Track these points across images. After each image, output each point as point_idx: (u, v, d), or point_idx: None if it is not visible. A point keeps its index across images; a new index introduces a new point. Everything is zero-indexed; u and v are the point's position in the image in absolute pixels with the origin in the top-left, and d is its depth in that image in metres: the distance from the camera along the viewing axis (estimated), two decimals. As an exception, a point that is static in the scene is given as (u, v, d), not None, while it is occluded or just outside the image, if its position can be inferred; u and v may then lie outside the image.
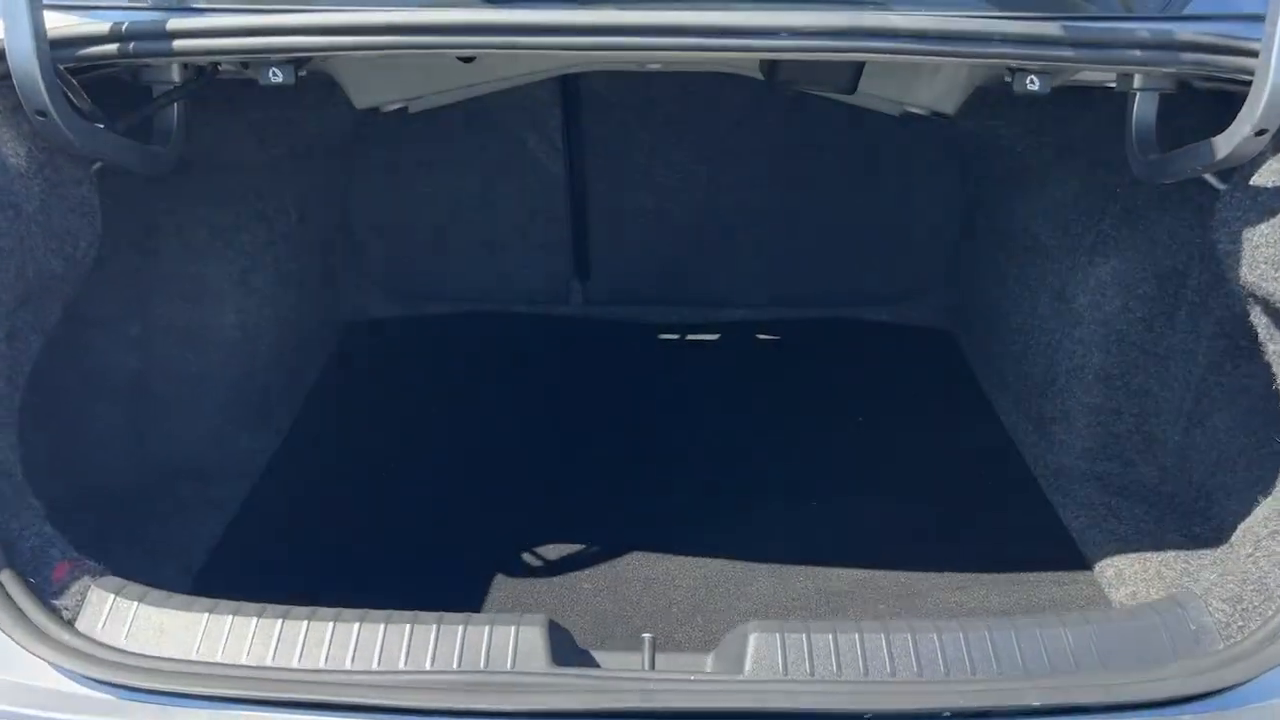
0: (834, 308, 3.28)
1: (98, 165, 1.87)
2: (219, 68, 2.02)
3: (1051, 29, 1.65)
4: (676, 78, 2.91)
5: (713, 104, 2.98)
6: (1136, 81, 1.95)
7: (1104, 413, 2.41)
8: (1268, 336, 1.79)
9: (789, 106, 2.96)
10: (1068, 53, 1.66)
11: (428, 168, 3.06)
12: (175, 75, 1.96)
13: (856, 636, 1.41)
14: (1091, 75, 2.08)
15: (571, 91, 2.95)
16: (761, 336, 3.23)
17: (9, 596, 1.40)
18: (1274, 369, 1.74)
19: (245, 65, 1.94)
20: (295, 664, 1.38)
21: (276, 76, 1.87)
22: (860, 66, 2.23)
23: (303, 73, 1.95)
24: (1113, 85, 2.06)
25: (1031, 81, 1.86)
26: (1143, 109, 1.98)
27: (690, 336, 3.23)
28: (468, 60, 2.58)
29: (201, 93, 2.08)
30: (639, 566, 2.12)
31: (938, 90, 2.49)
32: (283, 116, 2.57)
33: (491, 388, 2.87)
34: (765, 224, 3.18)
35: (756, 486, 2.41)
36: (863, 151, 3.05)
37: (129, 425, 2.34)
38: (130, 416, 2.35)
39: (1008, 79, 1.96)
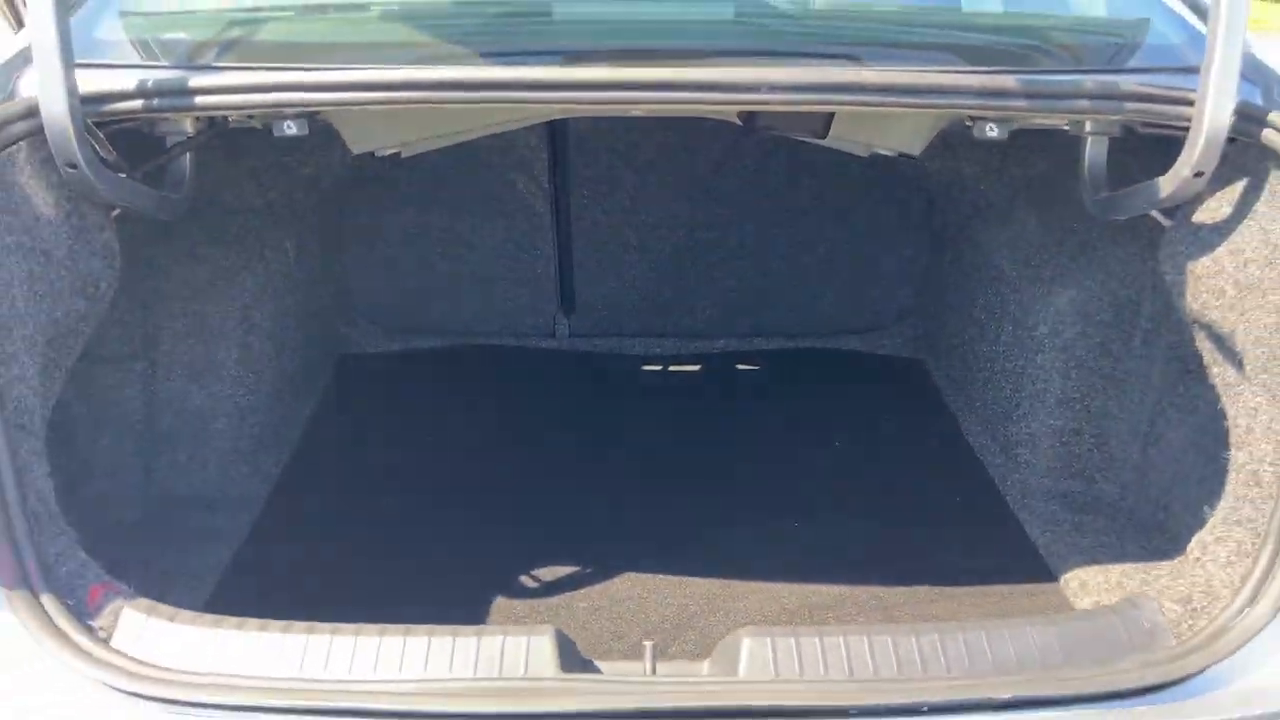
0: (811, 338, 3.42)
1: (116, 211, 1.98)
2: (229, 119, 2.13)
3: (1006, 82, 1.81)
4: (659, 122, 3.04)
5: (693, 147, 3.13)
6: (1088, 127, 2.11)
7: (1066, 434, 2.55)
8: (1211, 360, 1.94)
9: (764, 150, 3.11)
10: (1021, 103, 1.81)
11: (418, 207, 3.17)
12: (189, 127, 2.08)
13: (841, 640, 1.53)
14: (1046, 121, 2.23)
15: (559, 134, 3.08)
16: (741, 367, 3.35)
17: (49, 617, 1.49)
18: (1218, 390, 1.88)
19: (251, 118, 2.05)
20: (323, 675, 1.48)
21: (291, 129, 1.99)
22: (832, 114, 2.38)
23: (315, 124, 2.07)
24: (1067, 129, 2.22)
25: (990, 129, 2.02)
26: (1094, 151, 2.14)
27: (673, 368, 3.35)
28: (460, 107, 2.71)
29: (210, 142, 2.20)
30: (632, 585, 2.21)
31: (904, 134, 2.64)
32: (279, 163, 2.69)
33: (482, 417, 2.97)
34: (744, 260, 3.31)
35: (739, 506, 2.52)
36: (835, 190, 3.20)
37: (137, 458, 2.43)
38: (138, 449, 2.44)
39: (968, 125, 2.12)
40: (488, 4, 2.44)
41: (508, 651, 1.51)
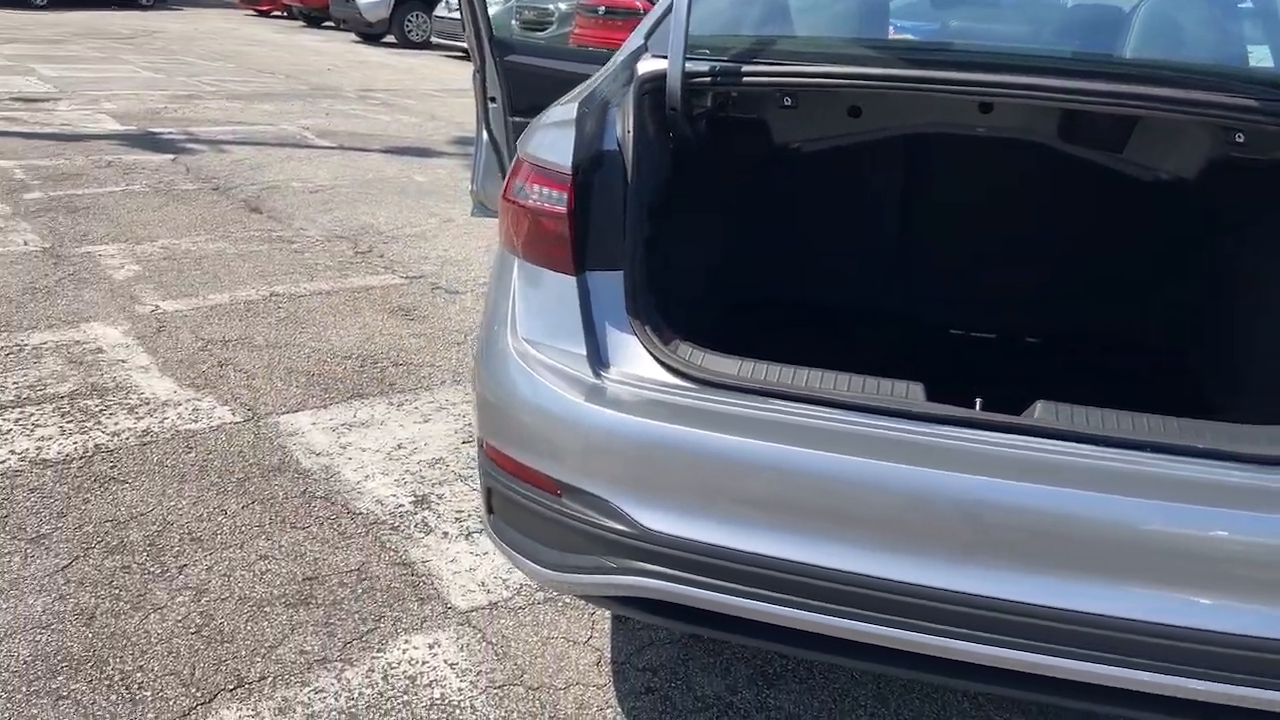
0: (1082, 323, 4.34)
1: (673, 143, 3.33)
2: (731, 96, 3.45)
3: (1249, 102, 2.82)
4: (984, 153, 4.06)
5: (1005, 172, 4.12)
6: None
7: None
8: None
9: (1059, 175, 4.02)
10: (1262, 120, 2.80)
11: (809, 196, 4.36)
12: (709, 101, 3.41)
13: (1085, 412, 2.55)
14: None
15: (913, 154, 4.21)
16: (1029, 339, 4.33)
17: (652, 340, 2.78)
18: None
19: (757, 96, 3.34)
20: (790, 383, 2.68)
21: (788, 102, 3.29)
22: (1129, 132, 3.42)
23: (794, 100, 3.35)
24: None
25: (1239, 136, 3.01)
26: None
27: (973, 334, 4.38)
28: (856, 115, 3.94)
29: (713, 117, 3.52)
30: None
31: (1181, 157, 3.61)
32: (725, 143, 3.98)
33: (839, 345, 4.06)
34: (1035, 261, 4.29)
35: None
36: (1115, 213, 4.11)
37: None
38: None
39: (1232, 138, 3.08)
40: (908, 43, 3.72)
41: (896, 388, 2.65)
